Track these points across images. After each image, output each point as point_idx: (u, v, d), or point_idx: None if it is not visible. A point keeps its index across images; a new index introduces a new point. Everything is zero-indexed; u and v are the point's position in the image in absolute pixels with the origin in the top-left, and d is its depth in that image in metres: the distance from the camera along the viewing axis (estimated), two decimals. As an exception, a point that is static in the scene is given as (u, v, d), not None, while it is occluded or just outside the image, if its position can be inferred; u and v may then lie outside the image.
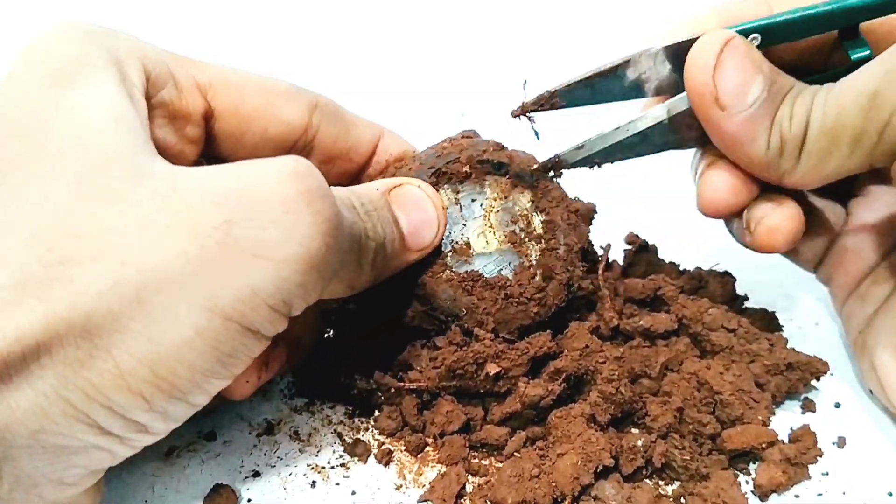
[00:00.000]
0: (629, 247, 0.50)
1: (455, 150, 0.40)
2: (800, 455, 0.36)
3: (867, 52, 0.36)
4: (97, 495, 0.31)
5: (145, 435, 0.28)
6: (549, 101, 0.38)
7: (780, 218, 0.37)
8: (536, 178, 0.40)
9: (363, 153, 0.41)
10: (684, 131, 0.38)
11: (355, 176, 0.42)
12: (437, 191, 0.38)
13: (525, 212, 0.39)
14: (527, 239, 0.39)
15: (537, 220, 0.39)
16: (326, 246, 0.28)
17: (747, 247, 0.39)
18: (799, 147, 0.34)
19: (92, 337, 0.25)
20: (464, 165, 0.39)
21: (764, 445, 0.36)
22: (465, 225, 0.38)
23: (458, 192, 0.39)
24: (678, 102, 0.37)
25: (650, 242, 0.49)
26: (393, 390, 0.38)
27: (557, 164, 0.39)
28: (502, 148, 0.41)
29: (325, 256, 0.28)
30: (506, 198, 0.39)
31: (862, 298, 0.41)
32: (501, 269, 0.38)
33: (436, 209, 0.37)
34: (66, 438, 0.26)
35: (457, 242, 0.38)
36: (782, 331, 0.44)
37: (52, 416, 0.25)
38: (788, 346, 0.42)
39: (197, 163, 0.38)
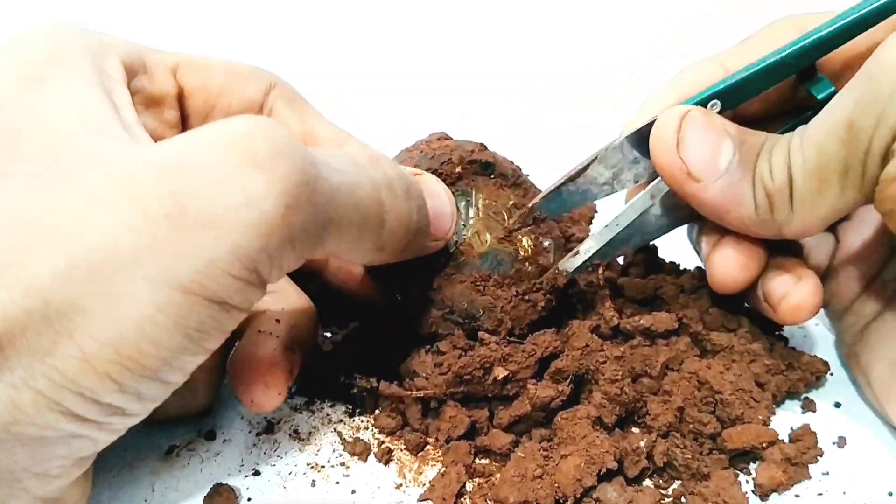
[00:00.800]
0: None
1: (445, 150, 0.40)
2: (800, 455, 0.36)
3: (832, 89, 0.36)
4: (87, 486, 0.30)
5: (123, 417, 0.27)
6: (529, 217, 0.40)
7: (802, 295, 0.37)
8: (518, 176, 0.41)
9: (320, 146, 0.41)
10: (674, 211, 0.38)
11: None
12: None
13: (512, 207, 0.40)
14: (519, 234, 0.39)
15: (525, 215, 0.40)
16: (286, 207, 0.26)
17: (767, 316, 0.39)
18: (788, 196, 0.34)
19: (52, 323, 0.24)
20: (456, 166, 0.39)
21: (764, 445, 0.36)
22: (463, 225, 0.39)
23: (453, 193, 0.39)
24: (659, 186, 0.37)
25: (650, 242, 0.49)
26: (402, 400, 0.38)
27: (559, 275, 0.40)
28: (485, 148, 0.41)
29: (287, 218, 0.26)
30: (495, 197, 0.39)
31: (854, 314, 0.41)
32: (501, 266, 0.38)
33: (451, 203, 0.37)
34: (42, 429, 0.25)
35: (460, 243, 0.38)
36: (782, 330, 0.44)
37: (22, 407, 0.25)
38: (788, 346, 0.42)
39: None
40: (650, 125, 0.36)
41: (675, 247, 0.48)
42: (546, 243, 0.39)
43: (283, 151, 0.26)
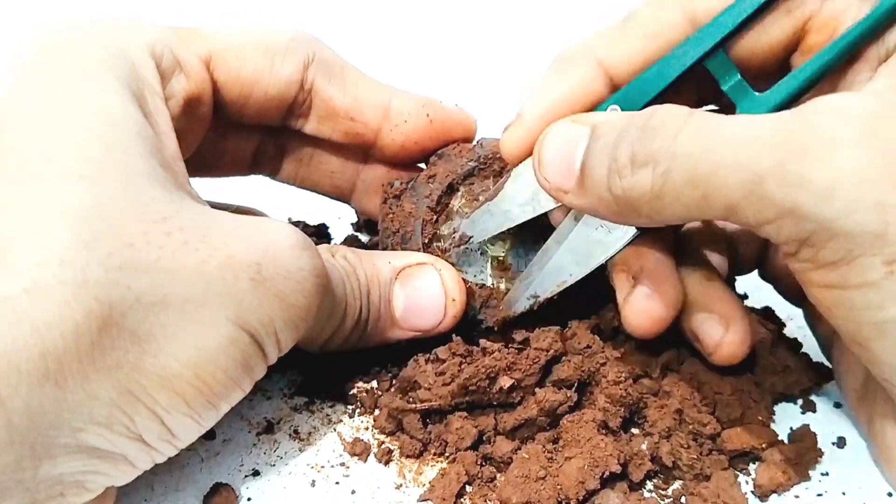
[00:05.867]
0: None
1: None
2: (800, 456, 0.36)
3: (737, 78, 0.34)
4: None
5: (168, 446, 0.30)
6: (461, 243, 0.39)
7: (734, 344, 0.36)
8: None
9: (368, 115, 0.41)
10: (608, 230, 0.35)
11: (370, 140, 0.42)
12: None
13: None
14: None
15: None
16: (317, 304, 0.32)
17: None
18: (649, 198, 0.30)
19: (141, 342, 0.27)
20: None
21: (764, 446, 0.36)
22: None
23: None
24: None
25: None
26: (408, 412, 0.38)
27: (506, 315, 0.39)
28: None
29: (313, 313, 0.32)
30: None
31: (819, 319, 0.40)
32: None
33: (446, 299, 0.38)
34: (103, 441, 0.27)
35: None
36: (784, 329, 0.44)
37: (96, 416, 0.26)
38: (793, 347, 0.42)
39: (205, 137, 0.39)
40: None
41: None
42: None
43: (322, 266, 0.32)
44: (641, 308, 0.35)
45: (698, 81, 0.34)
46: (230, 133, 0.42)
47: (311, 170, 0.45)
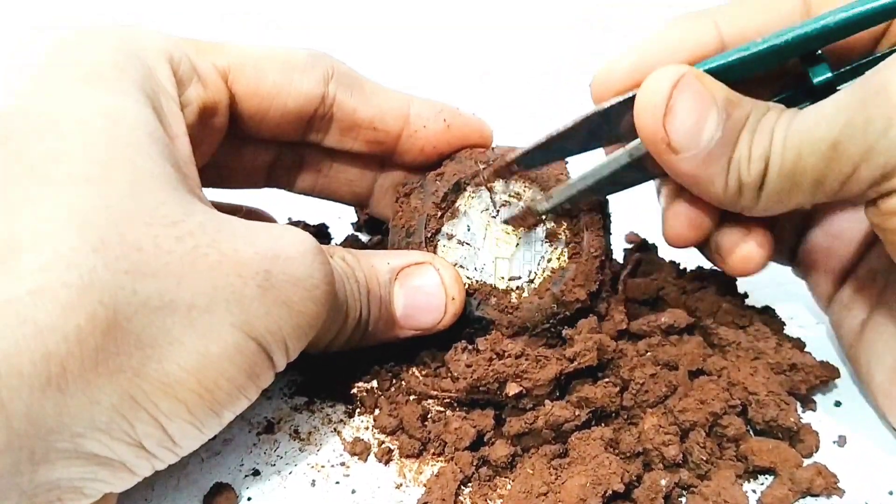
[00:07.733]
0: (629, 246, 0.50)
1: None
2: (817, 488, 0.35)
3: (828, 75, 0.35)
4: None
5: (169, 453, 0.29)
6: (507, 171, 0.40)
7: (751, 247, 0.38)
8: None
9: (389, 123, 0.41)
10: (649, 169, 0.37)
11: (390, 147, 0.42)
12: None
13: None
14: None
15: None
16: (326, 311, 0.32)
17: (721, 269, 0.40)
18: (758, 188, 0.34)
19: (144, 347, 0.27)
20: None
21: (788, 469, 0.35)
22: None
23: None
24: (639, 146, 0.36)
25: (650, 241, 0.49)
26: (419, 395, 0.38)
27: (528, 213, 0.39)
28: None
29: (321, 320, 0.32)
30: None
31: (847, 308, 0.40)
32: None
33: (445, 297, 0.38)
34: (103, 447, 0.27)
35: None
36: (785, 327, 0.44)
37: (97, 422, 0.26)
38: (799, 345, 0.42)
39: (219, 148, 0.39)
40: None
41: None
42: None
43: (331, 271, 0.33)
44: (683, 212, 0.38)
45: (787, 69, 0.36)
46: (246, 147, 0.43)
47: (330, 180, 0.45)
